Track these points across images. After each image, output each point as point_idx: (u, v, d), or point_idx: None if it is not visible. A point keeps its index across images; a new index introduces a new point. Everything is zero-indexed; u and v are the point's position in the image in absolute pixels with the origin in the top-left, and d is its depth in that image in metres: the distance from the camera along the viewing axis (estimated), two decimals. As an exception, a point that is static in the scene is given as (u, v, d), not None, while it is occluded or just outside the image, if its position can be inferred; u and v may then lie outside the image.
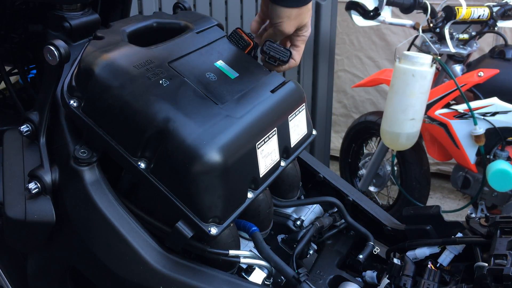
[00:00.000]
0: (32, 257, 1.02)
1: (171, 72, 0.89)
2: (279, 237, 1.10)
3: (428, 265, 1.01)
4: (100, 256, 0.87)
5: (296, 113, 1.01)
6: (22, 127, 0.90)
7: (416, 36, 2.39)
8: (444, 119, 2.27)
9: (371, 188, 2.80)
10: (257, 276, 0.92)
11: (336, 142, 3.44)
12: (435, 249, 1.04)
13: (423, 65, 2.05)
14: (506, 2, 2.37)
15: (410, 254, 1.05)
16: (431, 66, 2.08)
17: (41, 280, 1.02)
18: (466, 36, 2.33)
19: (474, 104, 2.20)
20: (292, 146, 1.01)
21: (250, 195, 0.89)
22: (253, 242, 0.95)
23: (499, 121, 2.19)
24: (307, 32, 1.06)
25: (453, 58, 2.36)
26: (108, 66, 0.85)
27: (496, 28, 2.37)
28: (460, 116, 2.24)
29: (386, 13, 2.35)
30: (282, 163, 0.98)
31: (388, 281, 0.99)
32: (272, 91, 0.97)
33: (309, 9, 1.02)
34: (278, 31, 1.02)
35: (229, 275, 0.87)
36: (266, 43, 1.04)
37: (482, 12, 2.30)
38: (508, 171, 2.15)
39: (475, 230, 1.01)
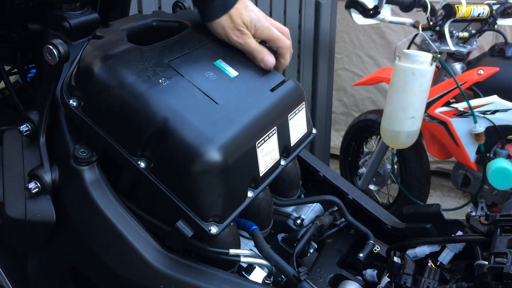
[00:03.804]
0: (32, 257, 1.02)
1: (170, 71, 0.89)
2: (279, 236, 1.10)
3: (428, 264, 1.01)
4: (100, 256, 0.86)
5: (296, 112, 1.01)
6: (21, 126, 0.89)
7: (416, 35, 2.39)
8: (444, 117, 2.27)
9: (371, 187, 2.81)
10: (258, 275, 0.92)
11: (336, 141, 3.44)
12: (435, 248, 1.04)
13: (423, 64, 2.05)
14: (506, 0, 2.37)
15: (410, 252, 1.05)
16: (431, 64, 2.08)
17: (42, 280, 1.02)
18: (466, 34, 2.33)
19: (474, 102, 2.19)
20: (292, 145, 1.01)
21: (250, 194, 0.89)
22: (253, 241, 0.95)
23: (499, 119, 2.19)
24: (269, 27, 0.97)
25: (453, 56, 2.35)
26: (107, 65, 0.85)
27: (496, 26, 2.37)
28: (460, 114, 2.24)
29: (386, 12, 2.35)
30: (282, 162, 0.98)
31: (389, 279, 0.99)
32: (272, 90, 0.97)
33: (245, 5, 0.94)
34: (243, 44, 0.96)
35: (229, 274, 0.87)
36: None
37: (482, 10, 2.30)
38: (508, 169, 2.15)
39: (475, 229, 1.00)
